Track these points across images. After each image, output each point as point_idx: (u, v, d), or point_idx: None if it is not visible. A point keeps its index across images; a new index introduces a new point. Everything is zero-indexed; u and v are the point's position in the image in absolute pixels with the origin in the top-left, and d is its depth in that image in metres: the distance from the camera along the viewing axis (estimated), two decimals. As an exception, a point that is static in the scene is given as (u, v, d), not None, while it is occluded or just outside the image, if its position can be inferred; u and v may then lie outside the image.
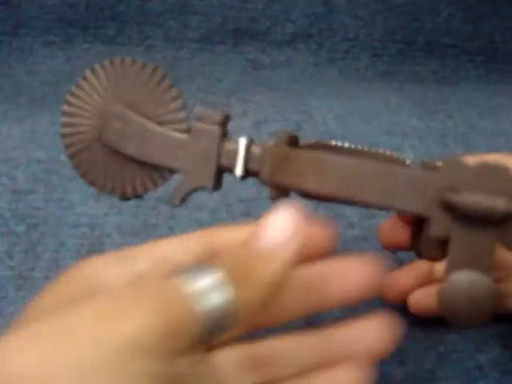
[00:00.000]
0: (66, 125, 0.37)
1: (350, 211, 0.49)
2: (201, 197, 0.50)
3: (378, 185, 0.33)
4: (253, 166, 0.35)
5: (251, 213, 0.49)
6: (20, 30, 0.62)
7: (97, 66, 0.36)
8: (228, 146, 0.35)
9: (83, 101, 0.36)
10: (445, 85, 0.68)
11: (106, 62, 0.36)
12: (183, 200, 0.36)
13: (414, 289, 0.39)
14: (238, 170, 0.35)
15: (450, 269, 0.32)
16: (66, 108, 0.37)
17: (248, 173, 0.35)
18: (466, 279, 0.31)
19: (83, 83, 0.37)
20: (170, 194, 0.36)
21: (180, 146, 0.35)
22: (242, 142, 0.35)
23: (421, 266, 0.40)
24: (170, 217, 0.48)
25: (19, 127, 0.56)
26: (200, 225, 0.48)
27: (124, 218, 0.48)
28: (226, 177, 0.37)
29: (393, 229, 0.39)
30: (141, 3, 0.63)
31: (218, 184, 0.36)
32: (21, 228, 0.47)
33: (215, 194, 0.50)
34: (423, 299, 0.39)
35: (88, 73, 0.37)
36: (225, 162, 0.35)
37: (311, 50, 0.67)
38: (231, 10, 0.65)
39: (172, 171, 0.36)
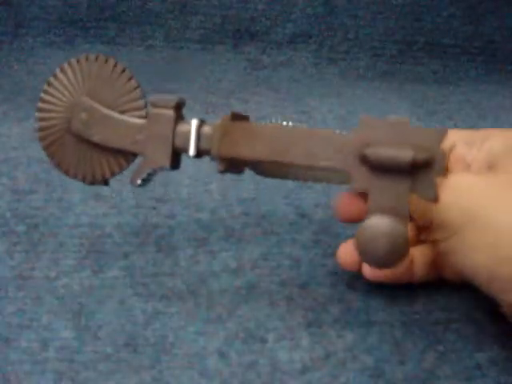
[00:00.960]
0: (40, 119, 0.41)
1: (349, 211, 0.49)
2: (201, 197, 0.50)
3: (302, 146, 0.36)
4: (204, 145, 0.38)
5: (251, 213, 0.49)
6: (21, 30, 0.62)
7: (65, 65, 0.40)
8: (181, 128, 0.38)
9: (54, 96, 0.40)
10: (445, 85, 0.68)
11: (73, 60, 0.40)
12: (144, 181, 0.39)
13: None
14: (191, 150, 0.38)
15: (369, 215, 0.35)
16: (39, 104, 0.41)
17: (200, 152, 0.38)
18: (379, 222, 0.34)
19: (54, 81, 0.40)
20: (132, 176, 0.39)
21: (139, 130, 0.38)
22: (194, 123, 0.38)
23: None
24: (170, 217, 0.48)
25: (20, 127, 0.56)
26: (200, 225, 0.48)
27: (124, 218, 0.48)
28: (227, 176, 0.37)
29: (348, 202, 0.41)
30: (141, 3, 0.63)
31: (175, 164, 0.39)
32: (21, 228, 0.47)
33: (215, 194, 0.51)
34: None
35: (57, 71, 0.40)
36: (179, 143, 0.38)
37: (311, 51, 0.67)
38: (231, 10, 0.65)
39: (134, 154, 0.39)
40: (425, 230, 0.40)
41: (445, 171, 0.34)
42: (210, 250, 0.46)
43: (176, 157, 0.39)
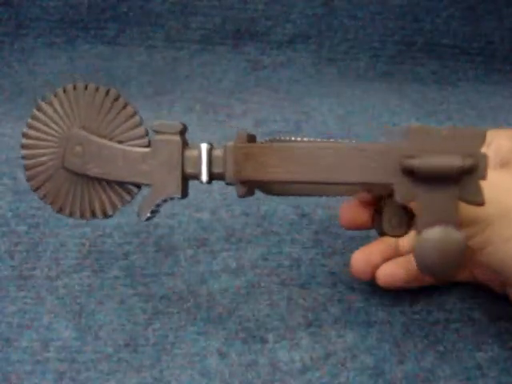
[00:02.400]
0: (26, 157, 0.37)
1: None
2: (201, 197, 0.50)
3: (343, 163, 0.34)
4: (217, 169, 0.36)
5: (251, 213, 0.49)
6: (21, 31, 0.62)
7: (51, 96, 0.37)
8: (190, 153, 0.36)
9: (41, 131, 0.37)
10: (444, 85, 0.68)
11: (59, 90, 0.37)
12: (153, 213, 0.37)
13: (379, 264, 0.41)
14: (204, 176, 0.36)
15: (421, 228, 0.34)
16: (24, 141, 0.37)
17: (213, 177, 0.36)
18: (435, 234, 0.33)
19: (39, 114, 0.37)
20: (139, 208, 0.36)
21: (143, 159, 0.36)
22: (204, 147, 0.36)
23: (386, 242, 0.42)
24: (170, 217, 0.49)
25: (20, 127, 0.56)
26: (200, 225, 0.48)
27: (124, 218, 0.48)
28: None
29: (353, 210, 0.41)
30: (142, 4, 0.63)
31: (185, 192, 0.37)
32: (22, 228, 0.47)
33: (215, 194, 0.51)
34: (391, 271, 0.41)
35: (42, 103, 0.37)
36: (189, 169, 0.36)
37: (311, 51, 0.67)
38: (231, 10, 0.65)
39: (138, 186, 0.37)
40: None
41: (486, 175, 0.34)
42: (210, 249, 0.46)
43: (185, 184, 0.37)
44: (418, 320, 0.41)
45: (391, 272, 0.41)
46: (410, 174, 0.33)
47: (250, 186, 0.36)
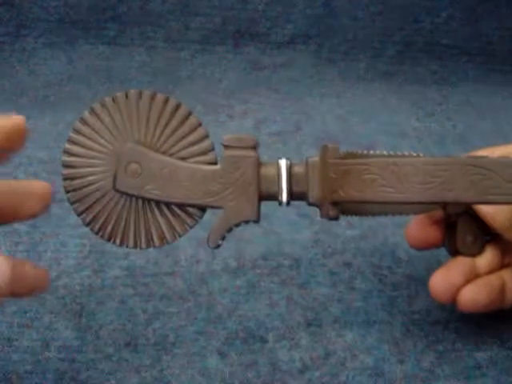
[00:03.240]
0: (69, 177, 0.33)
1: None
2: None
3: (465, 179, 0.30)
4: (298, 188, 0.32)
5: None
6: (22, 31, 0.62)
7: (96, 106, 0.33)
8: (267, 170, 0.32)
9: (86, 147, 0.32)
10: (444, 85, 0.68)
11: (107, 99, 0.33)
12: (224, 238, 0.33)
13: (461, 285, 0.38)
14: (284, 196, 0.33)
15: None
16: (66, 158, 0.33)
17: (293, 196, 0.33)
18: None
19: (83, 127, 0.32)
20: (210, 235, 0.33)
21: (212, 178, 0.32)
22: (283, 164, 0.32)
23: (464, 262, 0.38)
24: (171, 217, 0.49)
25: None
26: (200, 224, 0.48)
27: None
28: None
29: (422, 228, 0.39)
30: (142, 4, 0.63)
31: (259, 214, 0.33)
32: (22, 228, 0.47)
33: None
34: (473, 295, 0.37)
35: (87, 115, 0.33)
36: (266, 188, 0.32)
37: (311, 51, 0.67)
38: (232, 11, 0.65)
39: (204, 209, 0.33)
40: (509, 250, 0.39)
41: None
42: (210, 249, 0.46)
43: (260, 206, 0.33)
44: (417, 320, 0.41)
45: (473, 296, 0.38)
46: None
47: (342, 207, 0.32)
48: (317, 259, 0.46)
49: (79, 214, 0.33)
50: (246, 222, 0.32)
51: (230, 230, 0.33)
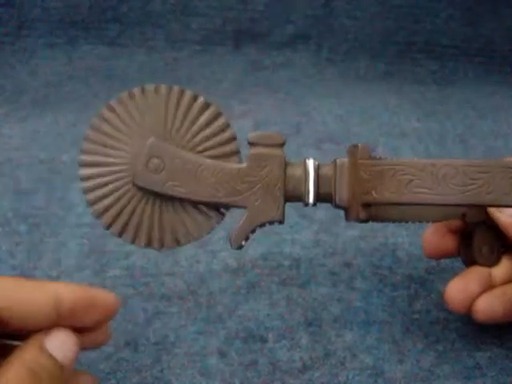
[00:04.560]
0: (86, 177, 0.31)
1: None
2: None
3: (505, 182, 0.29)
4: (325, 189, 0.32)
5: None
6: (22, 32, 0.62)
7: (113, 102, 0.31)
8: (293, 170, 0.32)
9: (105, 144, 0.31)
10: (444, 86, 0.68)
11: (124, 95, 0.31)
12: (247, 239, 0.32)
13: (477, 295, 0.37)
14: (311, 197, 0.32)
15: None
16: (83, 157, 0.31)
17: (319, 198, 0.32)
18: None
19: (100, 123, 0.31)
20: (233, 235, 0.32)
21: (238, 177, 0.31)
22: (311, 164, 0.32)
23: (480, 272, 0.38)
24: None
25: (21, 128, 0.56)
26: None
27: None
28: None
29: (438, 237, 0.39)
30: (142, 5, 0.63)
31: (284, 215, 0.32)
32: (23, 228, 0.47)
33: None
34: (489, 305, 0.37)
35: (104, 110, 0.31)
36: (292, 189, 0.32)
37: (311, 52, 0.67)
38: (232, 11, 0.65)
39: (228, 208, 0.32)
40: None
41: None
42: (210, 249, 0.46)
43: (285, 206, 0.32)
44: (417, 320, 0.41)
45: (489, 306, 0.37)
46: None
47: (371, 210, 0.31)
48: (317, 259, 0.46)
49: (97, 216, 0.32)
50: (271, 222, 0.31)
51: (253, 231, 0.32)
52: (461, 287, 0.37)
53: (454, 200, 0.30)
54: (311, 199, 0.32)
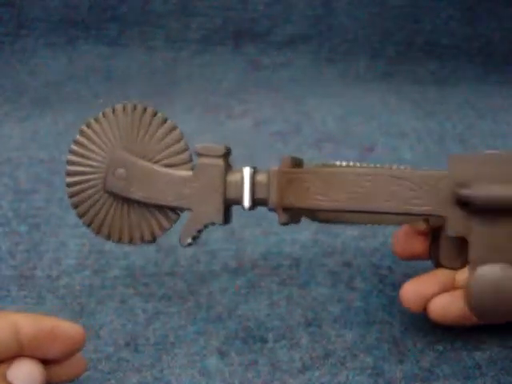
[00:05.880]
0: (70, 184, 0.37)
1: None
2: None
3: (389, 191, 0.32)
4: (260, 195, 0.35)
5: (251, 212, 0.50)
6: (22, 31, 0.62)
7: (91, 120, 0.37)
8: (233, 177, 0.35)
9: (84, 157, 0.37)
10: (443, 86, 0.68)
11: (99, 114, 0.36)
12: (194, 239, 0.36)
13: (432, 296, 0.37)
14: (246, 201, 0.35)
15: (474, 265, 0.31)
16: (68, 168, 0.37)
17: (256, 203, 0.35)
18: (491, 273, 0.31)
19: (82, 139, 0.37)
20: (180, 234, 0.36)
21: (185, 183, 0.35)
22: (247, 172, 0.35)
23: (442, 274, 0.38)
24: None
25: (21, 128, 0.56)
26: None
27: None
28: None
29: (408, 238, 0.39)
30: (142, 5, 0.63)
31: (227, 218, 0.36)
32: (23, 228, 0.47)
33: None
34: (444, 305, 0.37)
35: (84, 127, 0.37)
36: (232, 194, 0.35)
37: (311, 51, 0.67)
38: (232, 11, 0.65)
39: (178, 212, 0.36)
40: None
41: None
42: (210, 249, 0.46)
43: (227, 209, 0.36)
44: (417, 320, 0.41)
45: (444, 305, 0.37)
46: (464, 204, 0.30)
47: (292, 214, 0.35)
48: (317, 259, 0.46)
49: (80, 217, 0.37)
50: (213, 224, 0.35)
51: (199, 231, 0.36)
52: (415, 288, 0.37)
53: (342, 206, 0.32)
54: (247, 203, 0.35)
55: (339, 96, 0.65)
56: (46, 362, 0.31)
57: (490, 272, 0.31)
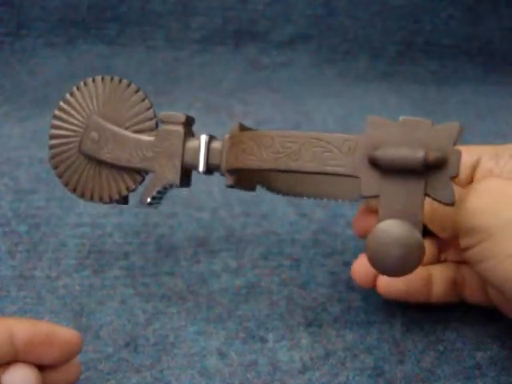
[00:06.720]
0: (52, 146, 0.40)
1: (349, 211, 0.49)
2: (201, 197, 0.51)
3: (309, 152, 0.34)
4: (214, 161, 0.37)
5: (251, 213, 0.50)
6: (22, 31, 0.62)
7: (73, 88, 0.40)
8: (191, 143, 0.38)
9: (65, 121, 0.40)
10: (443, 85, 0.68)
11: (81, 83, 0.40)
12: (154, 199, 0.39)
13: None
14: (201, 166, 0.38)
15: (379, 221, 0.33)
16: (51, 131, 0.40)
17: (210, 168, 0.38)
18: (391, 226, 0.32)
19: (63, 105, 0.40)
20: (142, 194, 0.38)
21: (149, 147, 0.38)
22: (203, 139, 0.38)
23: None
24: (171, 216, 0.49)
25: (21, 127, 0.56)
26: (200, 224, 0.48)
27: (125, 218, 0.48)
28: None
29: (364, 217, 0.40)
30: (142, 4, 0.63)
31: (185, 181, 0.39)
32: (22, 228, 0.47)
33: (216, 194, 0.51)
34: (389, 282, 0.39)
35: (67, 95, 0.40)
36: (189, 159, 0.38)
37: (311, 51, 0.67)
38: (232, 11, 0.65)
39: (142, 174, 0.39)
40: (446, 247, 0.40)
41: (458, 172, 0.33)
42: (210, 249, 0.46)
43: (186, 174, 0.39)
44: (417, 320, 0.41)
45: (390, 283, 0.39)
46: (376, 165, 0.33)
47: (237, 177, 0.37)
48: (317, 259, 0.46)
49: (59, 177, 0.40)
50: (171, 185, 0.38)
51: (159, 192, 0.38)
52: (364, 264, 0.39)
53: (269, 166, 0.34)
54: (201, 168, 0.37)
55: (339, 96, 0.65)
56: (41, 368, 0.31)
57: (387, 226, 0.32)
